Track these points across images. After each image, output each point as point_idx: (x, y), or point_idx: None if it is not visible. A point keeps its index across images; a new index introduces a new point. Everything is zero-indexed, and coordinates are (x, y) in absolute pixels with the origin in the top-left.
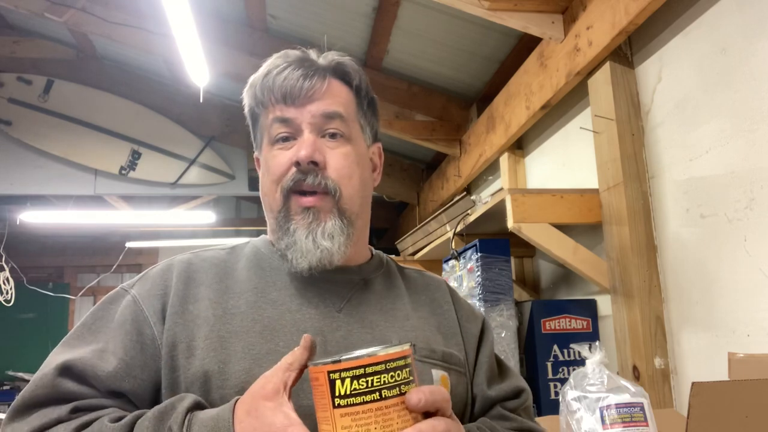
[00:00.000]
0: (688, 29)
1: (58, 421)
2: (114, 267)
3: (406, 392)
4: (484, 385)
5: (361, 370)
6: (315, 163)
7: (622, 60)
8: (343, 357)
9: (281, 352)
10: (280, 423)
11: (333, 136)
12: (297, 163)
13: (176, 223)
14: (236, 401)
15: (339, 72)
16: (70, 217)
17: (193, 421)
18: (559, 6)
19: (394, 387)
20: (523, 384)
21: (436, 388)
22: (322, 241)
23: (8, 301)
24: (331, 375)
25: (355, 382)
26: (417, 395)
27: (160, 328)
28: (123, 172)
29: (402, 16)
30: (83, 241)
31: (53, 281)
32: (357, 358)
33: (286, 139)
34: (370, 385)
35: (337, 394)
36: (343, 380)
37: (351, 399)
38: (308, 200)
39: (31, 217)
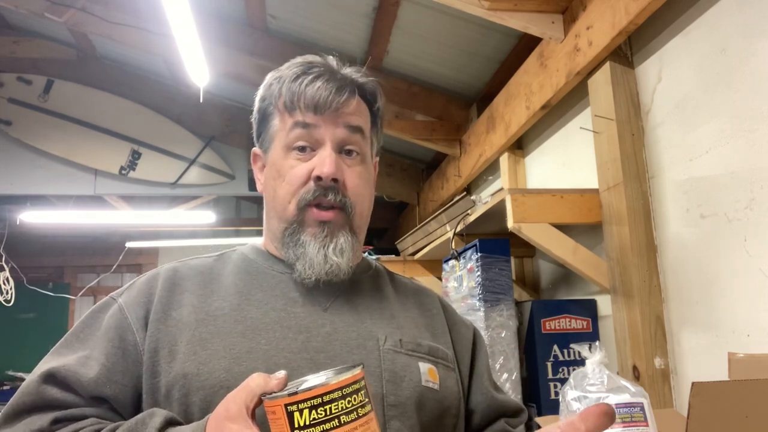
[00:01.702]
0: (688, 29)
1: None
2: (114, 267)
3: (363, 415)
4: (491, 391)
5: (319, 399)
6: (335, 180)
7: (622, 60)
8: (300, 388)
9: (263, 350)
10: None
11: (349, 153)
12: (318, 178)
13: (176, 223)
14: (207, 421)
15: (365, 91)
16: (70, 217)
17: None
18: (559, 6)
19: (351, 411)
20: (522, 404)
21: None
22: (333, 257)
23: (8, 301)
24: (288, 407)
25: (313, 411)
26: None
27: (143, 334)
28: (123, 172)
29: (402, 16)
30: (83, 241)
31: (53, 281)
32: (313, 387)
33: (302, 149)
34: (328, 413)
35: (296, 425)
36: (301, 411)
37: (311, 429)
38: (327, 214)
39: (31, 217)
